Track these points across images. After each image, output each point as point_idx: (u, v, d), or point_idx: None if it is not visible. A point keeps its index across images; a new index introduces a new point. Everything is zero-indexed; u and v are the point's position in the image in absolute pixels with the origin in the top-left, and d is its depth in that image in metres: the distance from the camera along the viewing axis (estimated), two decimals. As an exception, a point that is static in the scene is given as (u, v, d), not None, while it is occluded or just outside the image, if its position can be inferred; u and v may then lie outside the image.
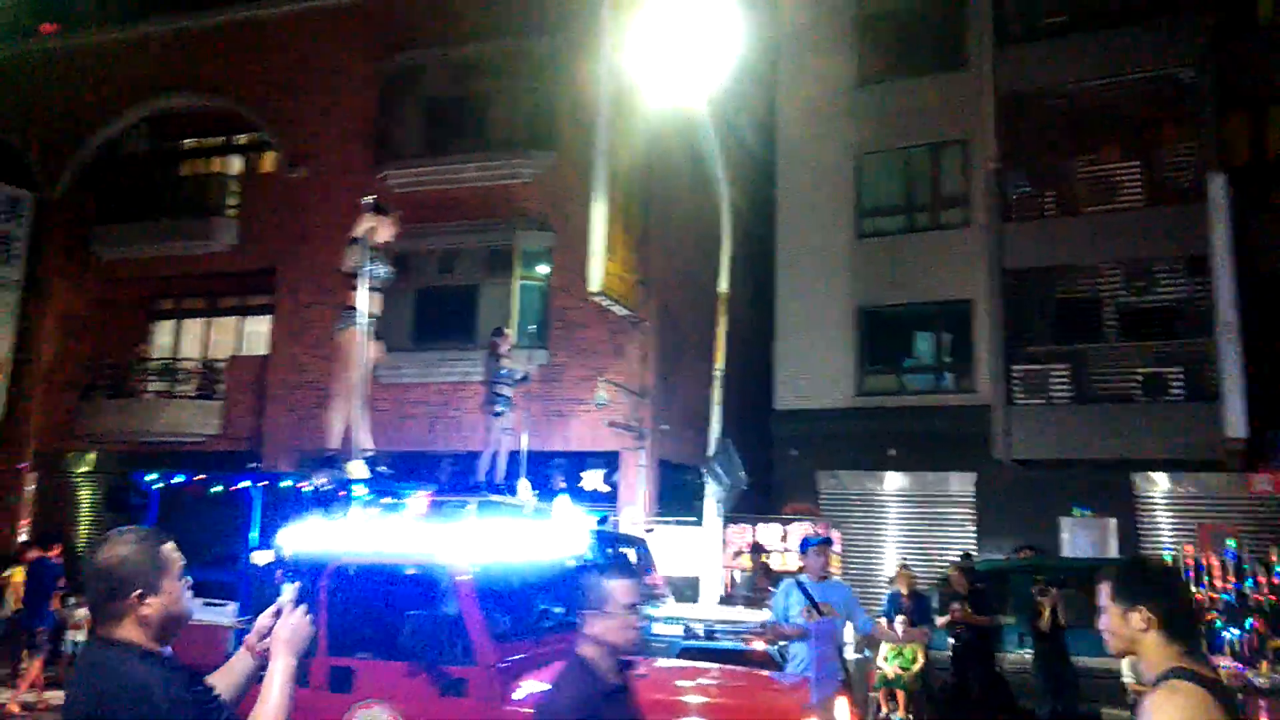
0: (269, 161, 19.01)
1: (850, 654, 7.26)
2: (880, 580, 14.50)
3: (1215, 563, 9.82)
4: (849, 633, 8.06)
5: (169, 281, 18.91)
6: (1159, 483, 14.49)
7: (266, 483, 6.99)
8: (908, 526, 16.08)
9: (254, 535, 6.70)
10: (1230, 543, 10.18)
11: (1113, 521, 14.43)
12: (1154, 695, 2.50)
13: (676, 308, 16.22)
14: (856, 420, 16.29)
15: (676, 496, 15.29)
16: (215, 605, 6.63)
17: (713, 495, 13.69)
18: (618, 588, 3.15)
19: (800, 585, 7.17)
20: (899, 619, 10.61)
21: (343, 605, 6.38)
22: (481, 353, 11.42)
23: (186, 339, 19.36)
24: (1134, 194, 14.53)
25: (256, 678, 2.45)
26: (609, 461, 15.30)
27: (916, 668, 10.60)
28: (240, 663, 2.51)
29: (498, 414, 10.07)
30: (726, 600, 12.63)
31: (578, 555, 7.57)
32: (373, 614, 6.45)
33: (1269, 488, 13.64)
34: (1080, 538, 14.55)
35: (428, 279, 16.44)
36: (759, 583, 12.22)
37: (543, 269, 16.13)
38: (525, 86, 16.55)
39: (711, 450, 13.69)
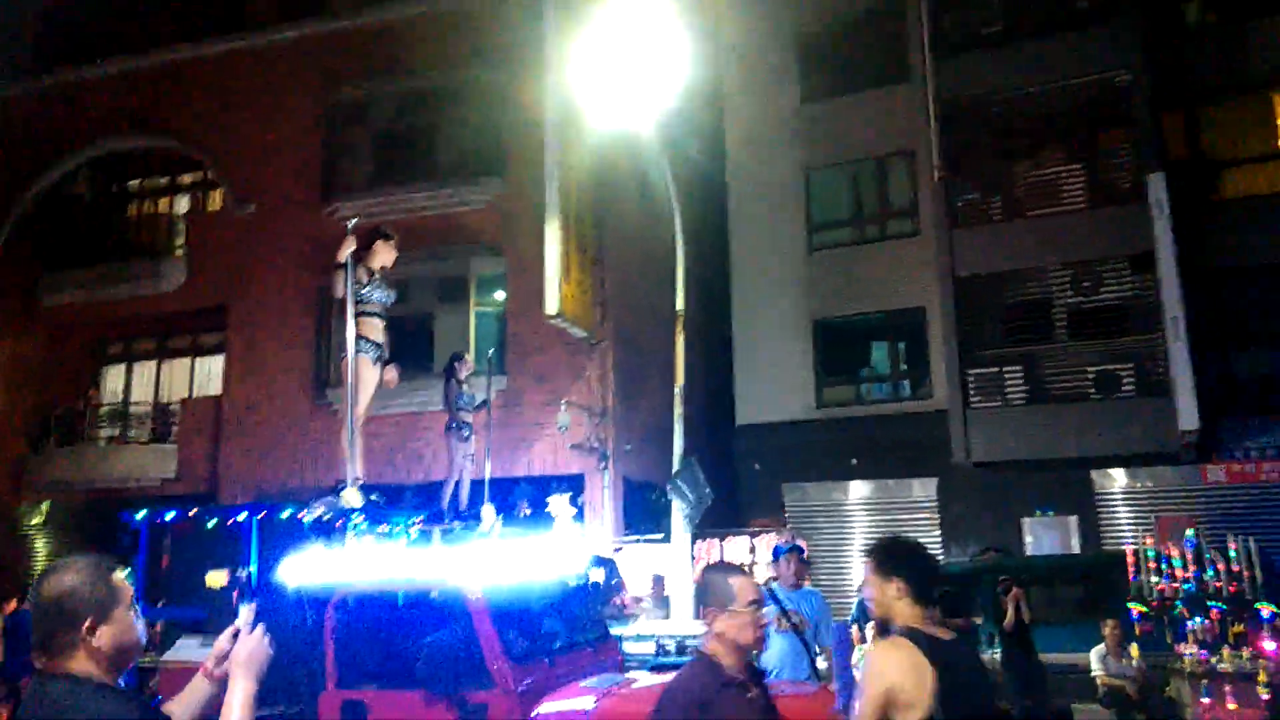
0: (216, 199, 18.82)
1: (822, 664, 7.19)
2: (848, 588, 14.53)
3: (1175, 553, 9.96)
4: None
5: (118, 324, 18.59)
6: (1117, 478, 14.69)
7: (264, 514, 6.78)
8: (874, 533, 16.15)
9: (252, 569, 6.47)
10: (1189, 533, 10.35)
11: (1074, 519, 14.60)
12: (878, 645, 2.98)
13: (634, 328, 16.24)
14: (818, 432, 16.38)
15: (643, 515, 15.25)
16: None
17: (679, 512, 13.66)
18: (742, 585, 3.15)
19: (773, 594, 7.15)
20: (869, 625, 10.63)
21: (351, 636, 6.18)
22: (439, 381, 11.32)
23: (138, 382, 19.03)
24: (1077, 196, 14.81)
25: (215, 704, 2.38)
26: (574, 484, 15.23)
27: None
28: (197, 689, 2.43)
29: (465, 439, 9.99)
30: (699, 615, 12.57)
31: (579, 575, 7.48)
32: (383, 643, 6.27)
33: (1223, 477, 13.89)
34: (1043, 537, 14.70)
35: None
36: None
37: (498, 295, 16.09)
38: (472, 114, 16.55)
39: (676, 467, 13.66)
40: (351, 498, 7.13)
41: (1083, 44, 14.57)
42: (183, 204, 19.35)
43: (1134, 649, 9.53)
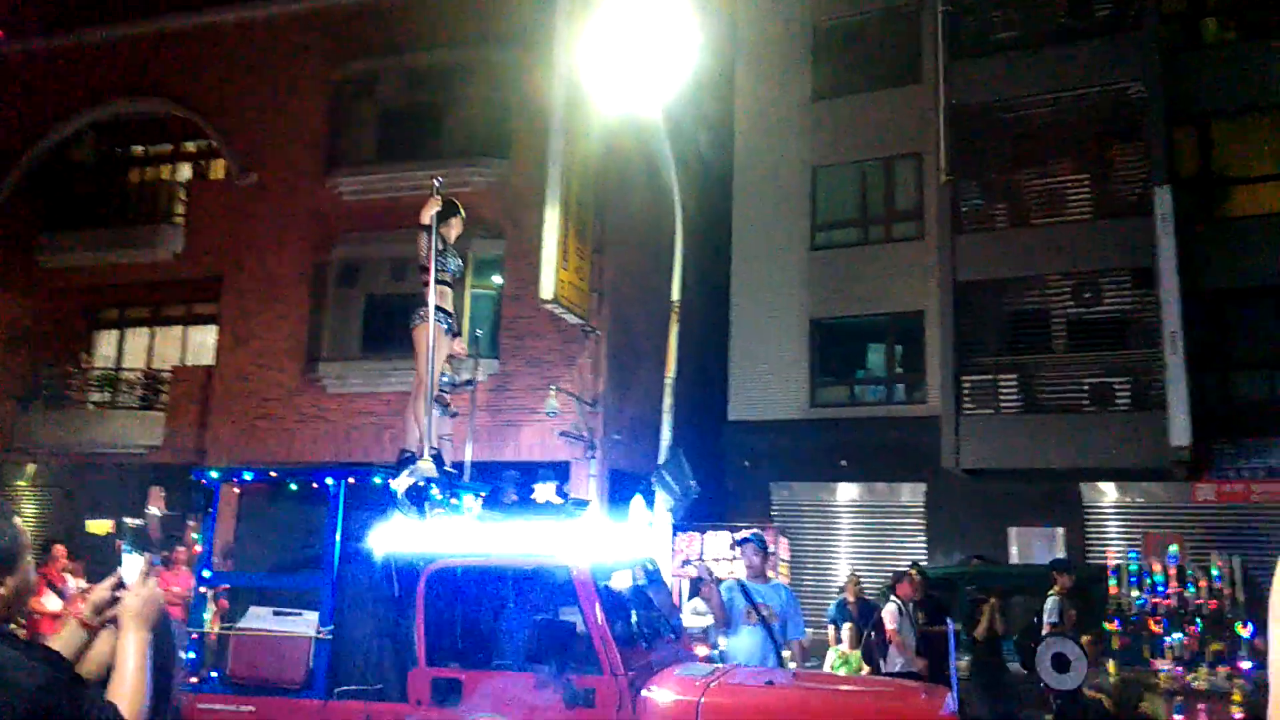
0: (218, 168, 18.73)
1: (790, 663, 7.11)
2: (833, 589, 14.44)
3: (1158, 569, 9.86)
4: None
5: (113, 290, 18.51)
6: (1106, 492, 14.59)
7: (353, 479, 6.24)
8: (859, 536, 16.07)
9: (338, 536, 5.91)
10: (1173, 549, 10.24)
11: (1060, 531, 14.50)
12: None
13: (629, 317, 16.14)
14: (809, 431, 16.27)
15: (628, 506, 15.15)
16: (287, 614, 5.88)
17: (663, 504, 13.57)
18: None
19: (743, 586, 7.10)
20: (846, 626, 10.55)
21: (443, 611, 5.90)
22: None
23: (130, 348, 18.97)
24: (1083, 207, 14.69)
25: (81, 654, 2.28)
26: (560, 471, 15.14)
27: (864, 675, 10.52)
28: (69, 639, 2.31)
29: (454, 415, 9.91)
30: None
31: (651, 562, 7.28)
32: (479, 620, 6.03)
33: (1213, 496, 13.78)
34: (1029, 547, 14.60)
35: (378, 287, 16.25)
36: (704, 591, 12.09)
37: (495, 278, 15.99)
38: (479, 94, 16.45)
39: (662, 459, 13.58)
40: (427, 468, 6.80)
41: (1098, 54, 14.42)
42: (184, 172, 19.27)
43: (1111, 664, 9.44)
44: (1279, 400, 14.10)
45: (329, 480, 6.14)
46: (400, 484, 6.15)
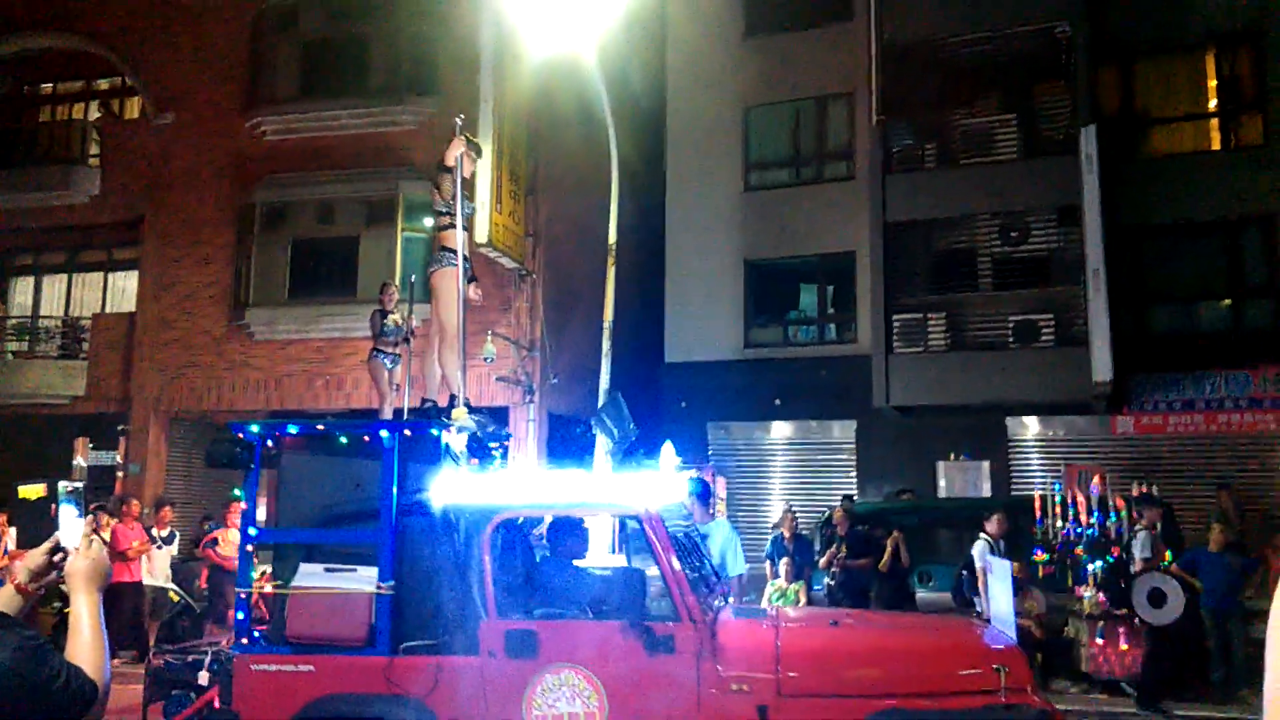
0: (134, 107, 18.02)
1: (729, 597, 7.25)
2: (766, 526, 14.75)
3: (1081, 500, 10.25)
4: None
5: (27, 234, 17.81)
6: (1030, 426, 15.06)
7: (409, 431, 6.04)
8: (793, 473, 16.39)
9: (395, 490, 5.76)
10: (1096, 479, 10.64)
11: (986, 464, 14.96)
12: None
13: (566, 260, 16.05)
14: (744, 372, 16.46)
15: (567, 450, 15.22)
16: (340, 570, 5.74)
17: (603, 448, 13.65)
18: None
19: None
20: (782, 561, 10.81)
21: (511, 562, 5.84)
22: (362, 307, 11.08)
23: (47, 295, 18.34)
24: (1010, 146, 14.89)
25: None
26: (498, 417, 15.10)
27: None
28: (3, 604, 2.25)
29: (388, 368, 9.83)
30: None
31: (683, 504, 7.29)
32: (547, 569, 5.96)
33: (1132, 429, 14.33)
34: (956, 480, 15.06)
35: (305, 230, 15.91)
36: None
37: (427, 220, 15.73)
38: (406, 29, 16.02)
39: (601, 402, 13.62)
40: (461, 417, 6.64)
41: (1026, -8, 14.53)
42: (97, 111, 18.50)
43: (1037, 591, 9.83)
44: (1195, 334, 14.64)
45: (384, 433, 5.92)
46: (453, 436, 6.00)
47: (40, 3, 17.71)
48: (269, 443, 6.15)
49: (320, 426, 6.52)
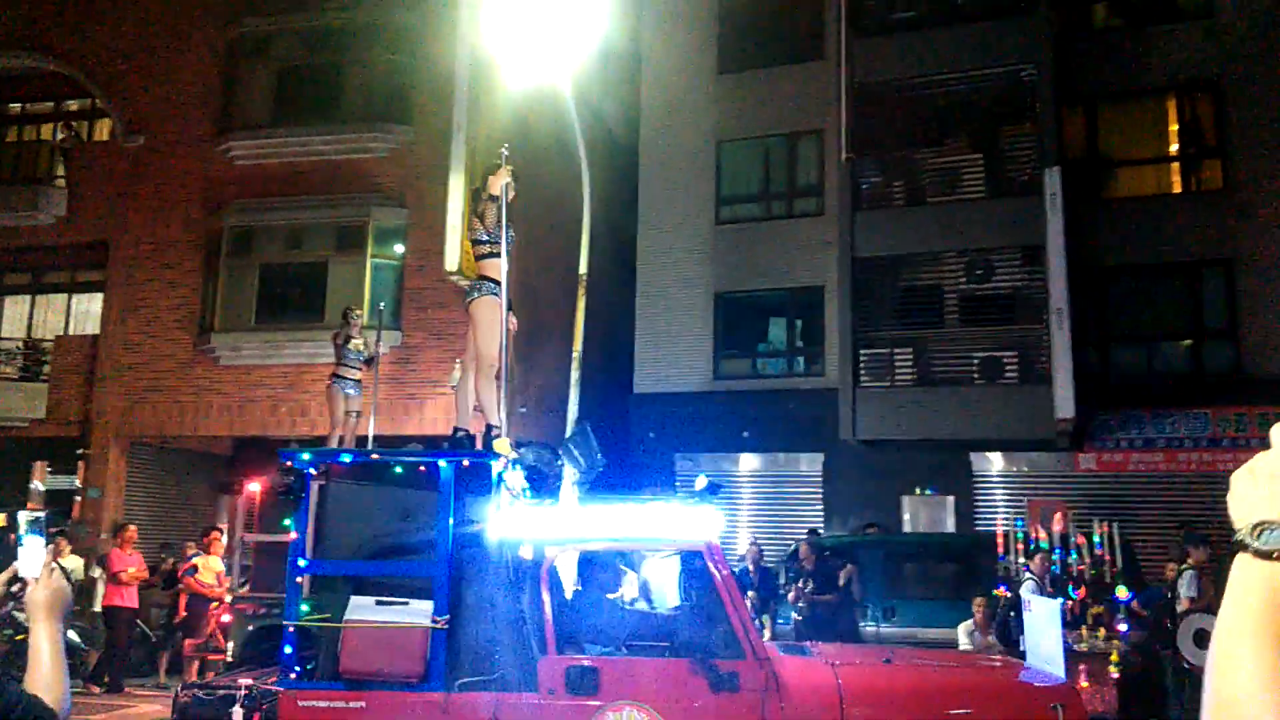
0: (103, 129, 17.91)
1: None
2: (734, 558, 14.72)
3: (1043, 536, 10.32)
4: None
5: (-10, 255, 17.60)
6: (994, 461, 15.18)
7: (467, 461, 5.87)
8: (760, 505, 16.40)
9: (451, 521, 5.59)
10: (1058, 515, 10.72)
11: (951, 499, 15.06)
12: None
13: (537, 289, 16.05)
14: (713, 403, 16.50)
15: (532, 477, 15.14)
16: (391, 604, 5.55)
17: (570, 478, 13.61)
18: None
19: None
20: (748, 595, 10.80)
21: (571, 596, 5.72)
22: (330, 333, 11.02)
23: (9, 316, 18.08)
24: (977, 186, 15.14)
25: None
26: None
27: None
28: None
29: (349, 394, 9.77)
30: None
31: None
32: (608, 604, 5.85)
33: (1094, 465, 14.49)
34: (921, 515, 15.13)
35: (273, 255, 15.83)
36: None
37: (397, 247, 15.71)
38: (381, 58, 16.07)
39: (569, 433, 13.59)
40: (503, 447, 6.41)
41: (993, 37, 14.83)
42: (63, 131, 18.35)
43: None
44: (1156, 374, 14.87)
45: (442, 463, 5.76)
46: (503, 467, 5.89)
47: (11, 22, 17.60)
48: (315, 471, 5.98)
49: (375, 455, 6.35)
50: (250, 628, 8.89)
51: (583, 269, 14.06)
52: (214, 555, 11.71)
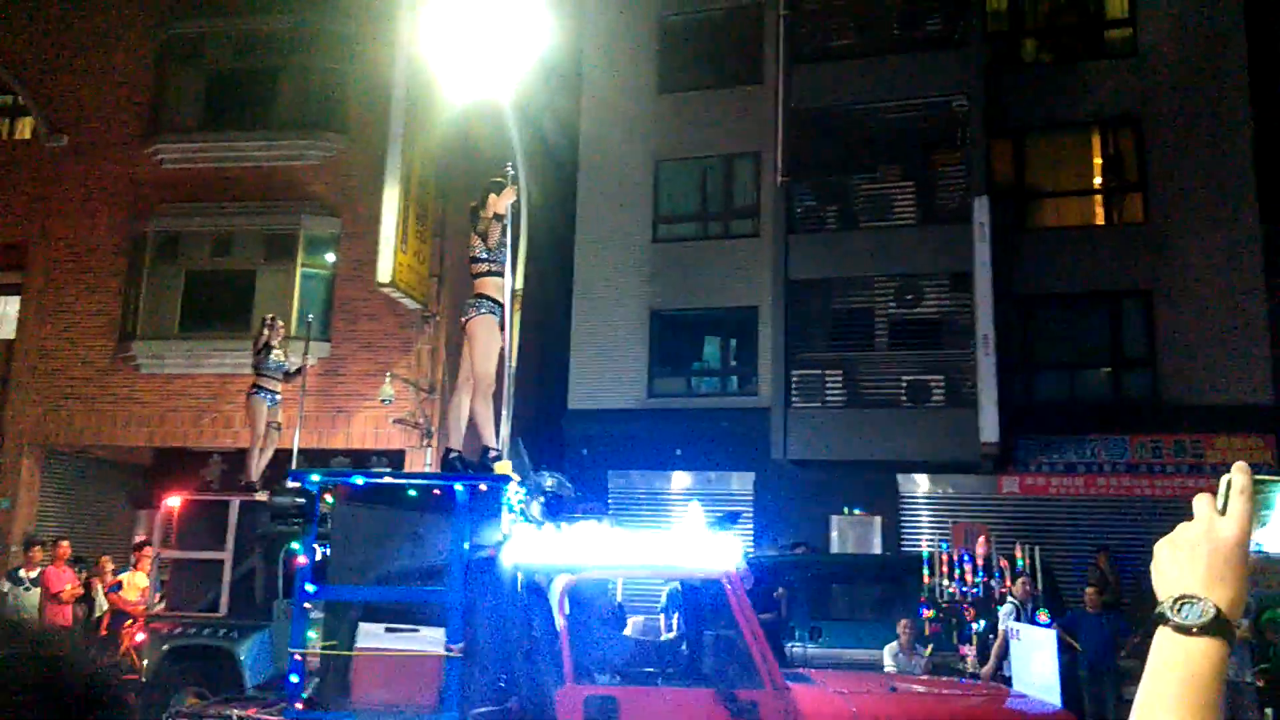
0: (24, 127, 17.34)
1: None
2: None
3: (967, 558, 10.49)
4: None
5: (-102, 253, 16.89)
6: (920, 483, 15.42)
7: (484, 485, 5.75)
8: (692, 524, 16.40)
9: (466, 546, 5.45)
10: (981, 539, 10.92)
11: (878, 520, 15.24)
12: None
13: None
14: (647, 421, 16.50)
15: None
16: (402, 631, 5.39)
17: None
18: None
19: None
20: (675, 614, 10.78)
21: (585, 624, 5.65)
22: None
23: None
24: (908, 212, 15.42)
25: None
26: (394, 460, 14.82)
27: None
28: None
29: (269, 406, 9.55)
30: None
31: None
32: (623, 633, 5.79)
33: (1016, 489, 14.79)
34: (849, 535, 15.29)
35: (200, 262, 15.47)
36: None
37: (328, 257, 15.47)
38: (316, 65, 15.85)
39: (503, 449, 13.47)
40: (505, 469, 6.35)
41: (926, 67, 15.15)
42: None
43: (928, 649, 9.99)
44: (1077, 400, 15.26)
45: (458, 487, 5.64)
46: (518, 495, 5.77)
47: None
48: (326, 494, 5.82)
49: (387, 478, 6.19)
50: (166, 647, 8.60)
51: (518, 284, 13.98)
52: (140, 571, 11.32)
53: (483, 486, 5.71)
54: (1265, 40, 15.36)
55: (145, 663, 8.76)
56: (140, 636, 9.32)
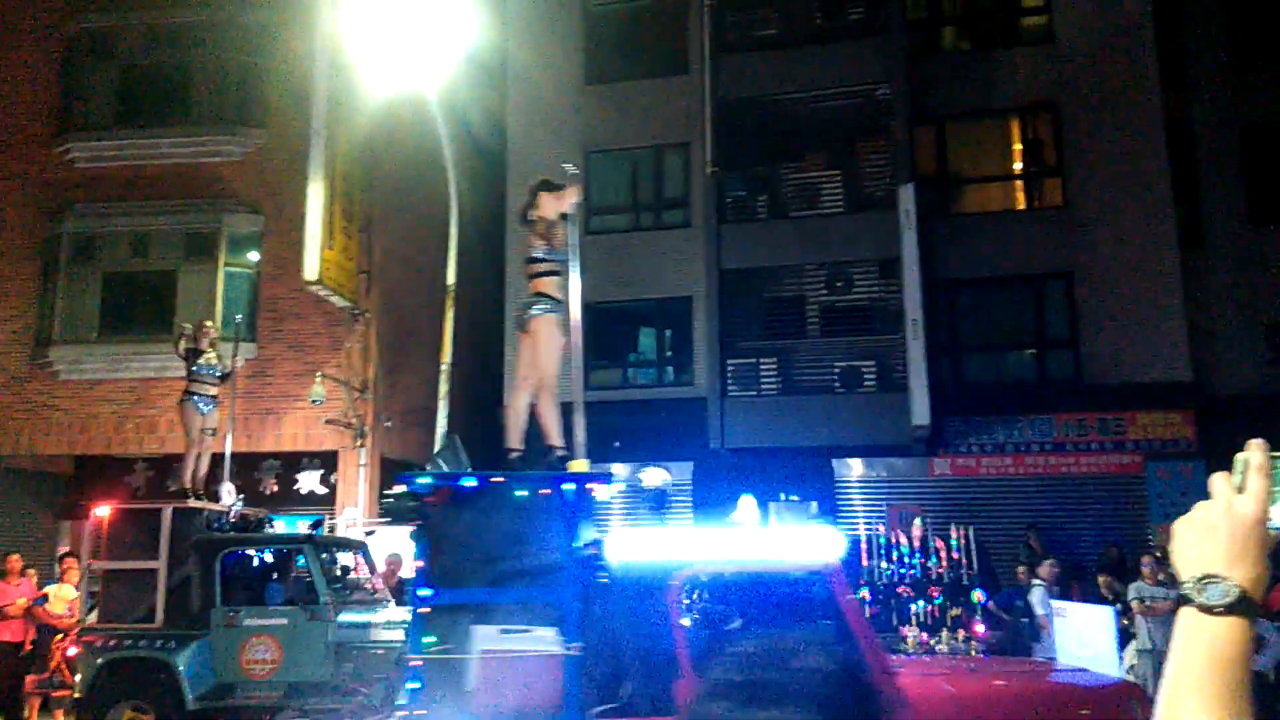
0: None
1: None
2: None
3: (903, 540, 10.70)
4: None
5: None
6: (854, 467, 15.64)
7: (594, 485, 5.79)
8: (631, 515, 16.43)
9: (578, 545, 5.51)
10: (917, 521, 11.15)
11: (814, 504, 15.42)
12: None
13: (402, 300, 15.71)
14: (583, 413, 16.42)
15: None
16: (515, 631, 5.32)
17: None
18: None
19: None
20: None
21: (697, 619, 5.73)
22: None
23: None
24: (836, 201, 15.61)
25: None
26: (326, 460, 14.57)
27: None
28: None
29: (204, 411, 9.31)
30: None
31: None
32: (737, 630, 5.79)
33: (947, 470, 15.10)
34: (787, 520, 15.43)
35: (118, 263, 15.00)
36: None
37: (252, 255, 15.11)
38: (233, 58, 15.44)
39: (438, 446, 13.33)
40: (579, 468, 6.47)
41: (849, 57, 15.33)
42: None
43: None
44: (1003, 382, 15.62)
45: (567, 486, 5.65)
46: (651, 485, 5.83)
47: None
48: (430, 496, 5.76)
49: (496, 479, 6.08)
50: (100, 661, 8.33)
51: (450, 278, 13.83)
52: (67, 584, 10.94)
53: (591, 487, 5.80)
54: (1173, 26, 15.86)
55: (78, 677, 8.50)
56: (73, 650, 9.03)
